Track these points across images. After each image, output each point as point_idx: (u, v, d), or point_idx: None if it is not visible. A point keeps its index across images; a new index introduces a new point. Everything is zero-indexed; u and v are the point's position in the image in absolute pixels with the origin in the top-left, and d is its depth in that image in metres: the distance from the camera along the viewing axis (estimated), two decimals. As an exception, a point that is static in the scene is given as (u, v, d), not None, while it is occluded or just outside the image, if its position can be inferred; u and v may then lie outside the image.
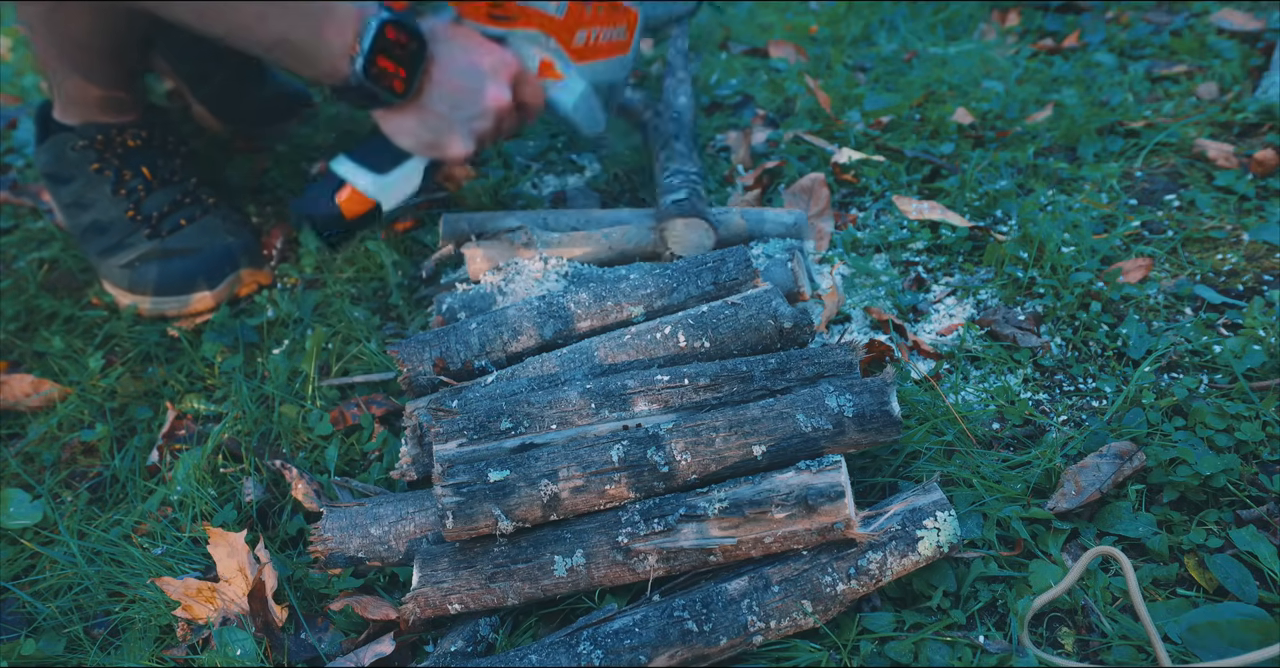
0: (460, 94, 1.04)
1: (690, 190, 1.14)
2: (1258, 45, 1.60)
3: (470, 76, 1.03)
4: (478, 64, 1.03)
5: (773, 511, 0.72)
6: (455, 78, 1.03)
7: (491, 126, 1.06)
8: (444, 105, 1.04)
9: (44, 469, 1.04)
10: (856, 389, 0.78)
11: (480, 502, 0.75)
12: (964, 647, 0.71)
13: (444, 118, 1.05)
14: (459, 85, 1.03)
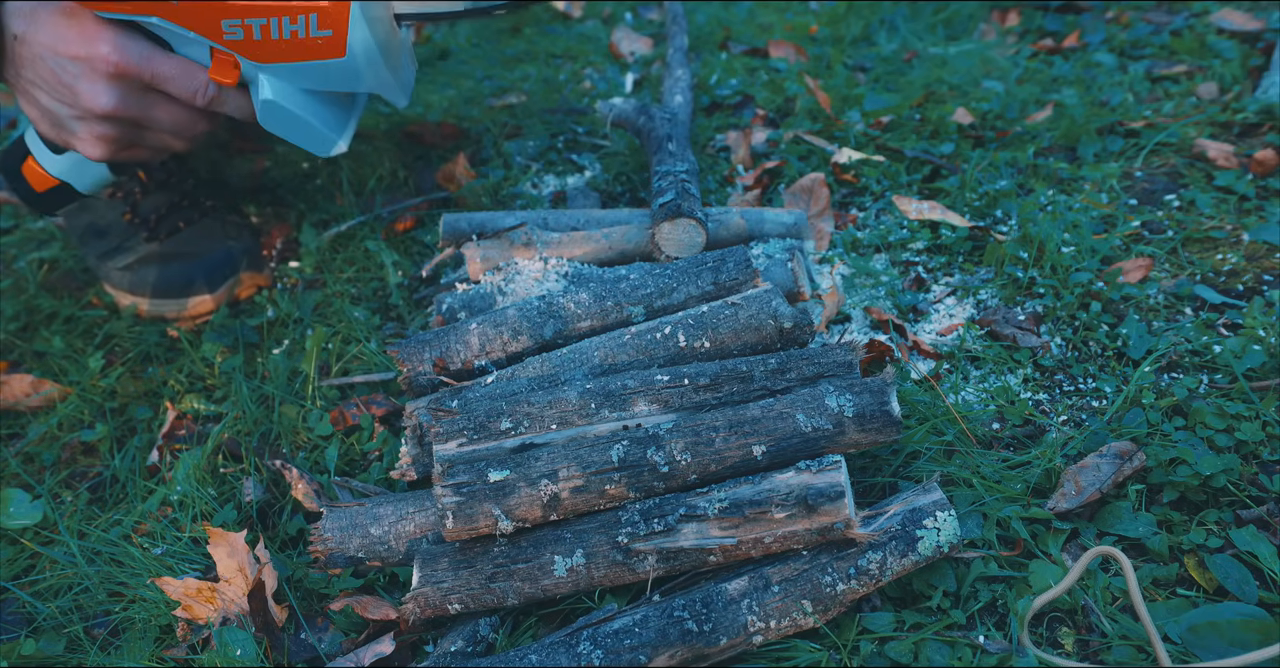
0: (54, 88, 0.86)
1: (677, 190, 1.11)
2: (1258, 45, 1.60)
3: (59, 68, 0.84)
4: (63, 54, 0.84)
5: (773, 511, 0.72)
6: (43, 67, 0.85)
7: (114, 132, 0.87)
8: (43, 96, 0.87)
9: (44, 469, 1.04)
10: (856, 389, 0.78)
11: (480, 502, 0.75)
12: (964, 647, 0.71)
13: (54, 113, 0.88)
14: (49, 77, 0.85)
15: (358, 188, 1.45)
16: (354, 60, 0.87)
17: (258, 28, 0.84)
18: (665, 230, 1.06)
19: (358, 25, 0.85)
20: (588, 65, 1.92)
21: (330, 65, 0.87)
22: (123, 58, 0.83)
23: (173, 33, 0.84)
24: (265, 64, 0.87)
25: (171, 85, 0.86)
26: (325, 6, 0.83)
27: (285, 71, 0.88)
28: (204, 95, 0.88)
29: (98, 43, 0.83)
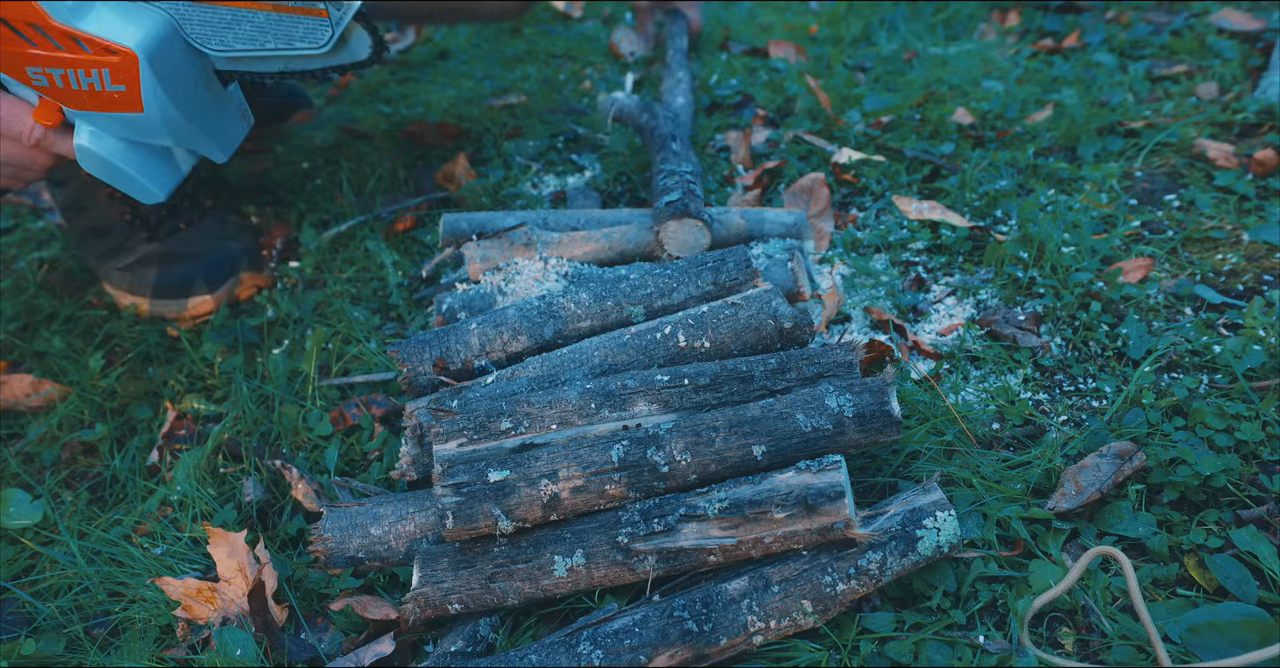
0: None
1: (683, 190, 1.11)
2: (1258, 45, 1.60)
3: None
4: None
5: (773, 510, 0.72)
6: None
7: None
8: None
9: (44, 469, 1.04)
10: (856, 389, 0.78)
11: (480, 502, 0.75)
12: (964, 647, 0.71)
13: None
14: None
15: (358, 188, 1.45)
16: (151, 116, 0.85)
17: (59, 77, 0.82)
18: (671, 229, 1.06)
19: (150, 82, 0.82)
20: (588, 65, 1.92)
21: (132, 119, 0.85)
22: None
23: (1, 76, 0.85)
24: (81, 110, 0.86)
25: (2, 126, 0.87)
26: (115, 61, 0.80)
27: (99, 119, 0.86)
28: (30, 136, 0.88)
29: None
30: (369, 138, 1.67)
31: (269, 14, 0.82)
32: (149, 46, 0.81)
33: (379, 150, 1.60)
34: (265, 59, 0.87)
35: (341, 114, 1.81)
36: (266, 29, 0.84)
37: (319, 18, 0.83)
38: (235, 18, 0.83)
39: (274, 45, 0.85)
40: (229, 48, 0.86)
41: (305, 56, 0.86)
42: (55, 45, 0.79)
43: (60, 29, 0.78)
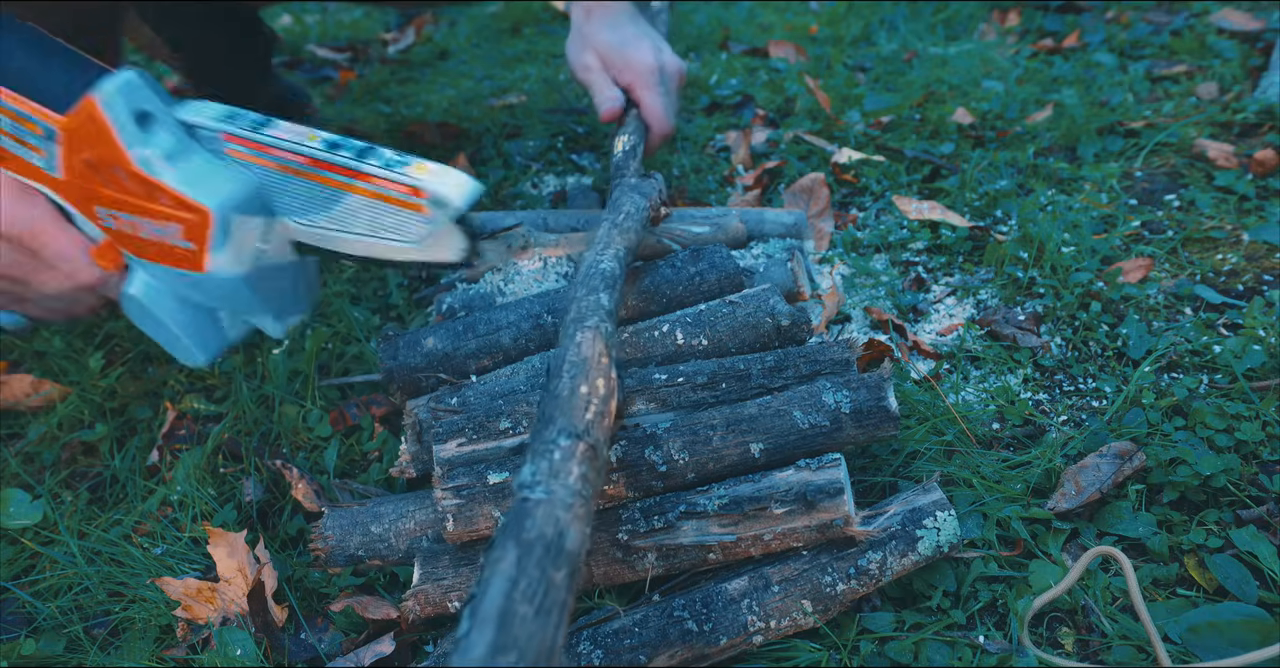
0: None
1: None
2: (1258, 45, 1.60)
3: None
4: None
5: (772, 507, 0.72)
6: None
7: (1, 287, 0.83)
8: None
9: (44, 469, 1.04)
10: (853, 385, 0.78)
11: (480, 504, 0.75)
12: (964, 647, 0.71)
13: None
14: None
15: (358, 188, 1.45)
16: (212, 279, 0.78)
17: (127, 222, 0.77)
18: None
19: (220, 246, 0.75)
20: (588, 65, 1.92)
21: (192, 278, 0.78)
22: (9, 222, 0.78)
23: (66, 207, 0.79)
24: (139, 258, 0.80)
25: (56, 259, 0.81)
26: (189, 219, 0.74)
27: (154, 270, 0.80)
28: (85, 278, 0.82)
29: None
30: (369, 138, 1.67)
31: (364, 199, 0.77)
32: (227, 210, 0.74)
33: (379, 150, 1.60)
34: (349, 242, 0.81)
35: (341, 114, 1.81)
36: (358, 213, 0.78)
37: (416, 213, 0.77)
38: (329, 196, 0.78)
39: (361, 231, 0.79)
40: (312, 224, 0.80)
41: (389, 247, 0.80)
42: (134, 190, 0.74)
43: (140, 176, 0.73)
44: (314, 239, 0.81)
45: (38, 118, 0.70)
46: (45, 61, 0.71)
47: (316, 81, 2.09)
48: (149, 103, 0.71)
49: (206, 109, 0.76)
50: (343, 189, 0.76)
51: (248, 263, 0.78)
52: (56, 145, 0.71)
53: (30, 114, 0.70)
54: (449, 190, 0.74)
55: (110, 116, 0.69)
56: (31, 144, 0.73)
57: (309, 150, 0.74)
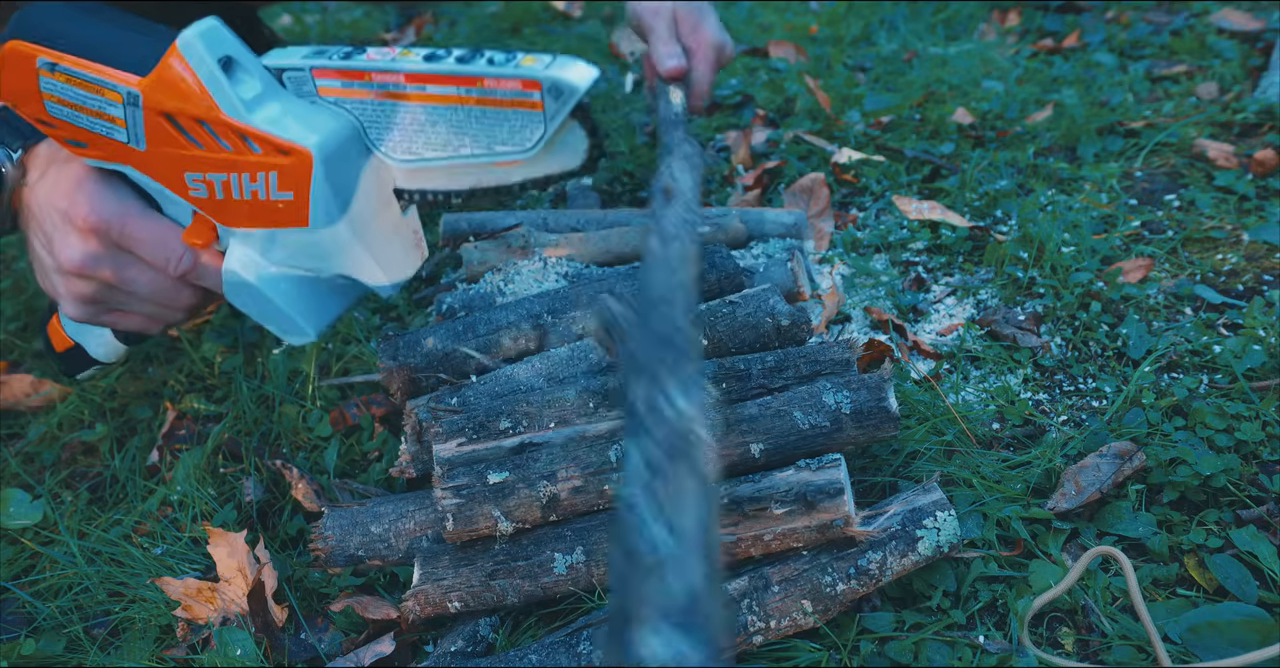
0: (42, 237, 0.77)
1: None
2: (1258, 45, 1.60)
3: (46, 217, 0.76)
4: (52, 202, 0.75)
5: (772, 507, 0.72)
6: (39, 214, 0.77)
7: (89, 291, 0.77)
8: (40, 248, 0.79)
9: (44, 469, 1.04)
10: (854, 386, 0.78)
11: (480, 504, 0.75)
12: (964, 647, 0.71)
13: (43, 263, 0.79)
14: (43, 225, 0.77)
15: (358, 188, 1.45)
16: (317, 232, 0.71)
17: (219, 184, 0.70)
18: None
19: (322, 189, 0.68)
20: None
21: (295, 236, 0.72)
22: (95, 213, 0.73)
23: (155, 188, 0.74)
24: (233, 228, 0.73)
25: (143, 249, 0.75)
26: (286, 163, 0.67)
27: (254, 240, 0.73)
28: (177, 265, 0.76)
29: (78, 195, 0.74)
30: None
31: (470, 109, 0.69)
32: (327, 147, 0.68)
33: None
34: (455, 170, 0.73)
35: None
36: (464, 130, 0.70)
37: (532, 111, 0.69)
38: (431, 117, 0.70)
39: (470, 151, 0.71)
40: (417, 156, 0.72)
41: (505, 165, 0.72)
42: (221, 144, 0.68)
43: (229, 124, 0.67)
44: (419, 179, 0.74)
45: (118, 83, 0.66)
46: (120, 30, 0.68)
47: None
48: (232, 48, 0.67)
49: (291, 51, 0.71)
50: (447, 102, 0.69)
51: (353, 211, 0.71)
52: (139, 110, 0.67)
53: (111, 81, 0.67)
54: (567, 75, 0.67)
55: (194, 64, 0.65)
56: (113, 116, 0.68)
57: (408, 65, 0.68)
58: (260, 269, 0.74)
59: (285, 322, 0.76)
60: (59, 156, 0.76)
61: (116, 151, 0.71)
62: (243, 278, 0.74)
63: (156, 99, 0.66)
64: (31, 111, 0.70)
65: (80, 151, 0.72)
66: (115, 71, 0.66)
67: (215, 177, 0.69)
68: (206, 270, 0.77)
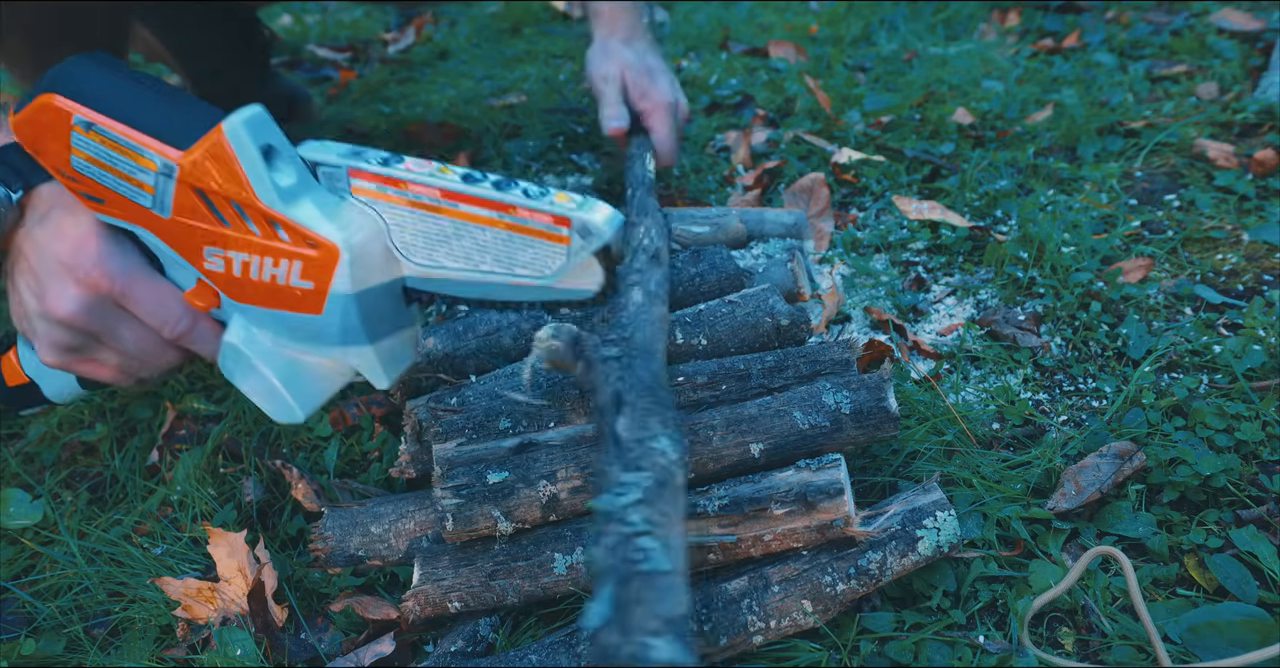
0: (33, 280, 0.77)
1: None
2: (1258, 45, 1.60)
3: (42, 262, 0.76)
4: (55, 252, 0.75)
5: (772, 508, 0.72)
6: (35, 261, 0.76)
7: (70, 341, 0.77)
8: (25, 290, 0.78)
9: (44, 469, 1.04)
10: (854, 386, 0.78)
11: (480, 504, 0.75)
12: (964, 647, 0.71)
13: (26, 305, 0.78)
14: (35, 270, 0.76)
15: (358, 188, 1.45)
16: (329, 321, 0.72)
17: (239, 263, 0.71)
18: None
19: (343, 284, 0.70)
20: (588, 65, 1.92)
21: (305, 321, 0.73)
22: (100, 268, 0.74)
23: (166, 252, 0.74)
24: (241, 303, 0.74)
25: (142, 309, 0.76)
26: (312, 256, 0.69)
27: (260, 316, 0.74)
28: (173, 328, 0.77)
29: (84, 249, 0.74)
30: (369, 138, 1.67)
31: (499, 232, 0.70)
32: (355, 247, 0.69)
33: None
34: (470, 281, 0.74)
35: (341, 114, 1.81)
36: (488, 249, 0.72)
37: (557, 243, 0.70)
38: (458, 232, 0.71)
39: (490, 268, 0.72)
40: (436, 264, 0.73)
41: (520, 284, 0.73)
42: (250, 227, 0.69)
43: (263, 210, 0.68)
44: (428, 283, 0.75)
45: (156, 154, 0.67)
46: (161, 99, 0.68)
47: (316, 81, 2.09)
48: (274, 137, 0.68)
49: (329, 147, 0.73)
50: (477, 222, 0.71)
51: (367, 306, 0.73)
52: (172, 181, 0.68)
53: (148, 150, 0.67)
54: (596, 219, 0.69)
55: (237, 149, 0.66)
56: (142, 181, 0.69)
57: (445, 183, 0.70)
58: (261, 346, 0.75)
59: (277, 400, 0.76)
60: (61, 202, 0.76)
61: (135, 214, 0.72)
62: (242, 352, 0.75)
63: (193, 175, 0.67)
64: (53, 162, 0.71)
65: (94, 206, 0.73)
66: (154, 141, 0.67)
67: (236, 255, 0.71)
68: (200, 335, 0.78)
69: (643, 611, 0.47)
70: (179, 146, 0.67)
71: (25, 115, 0.68)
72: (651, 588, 0.48)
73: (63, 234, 0.74)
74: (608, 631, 0.46)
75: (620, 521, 0.54)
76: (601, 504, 0.56)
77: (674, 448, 0.62)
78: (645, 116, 1.20)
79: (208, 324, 0.77)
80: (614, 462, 0.60)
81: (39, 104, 0.67)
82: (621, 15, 1.26)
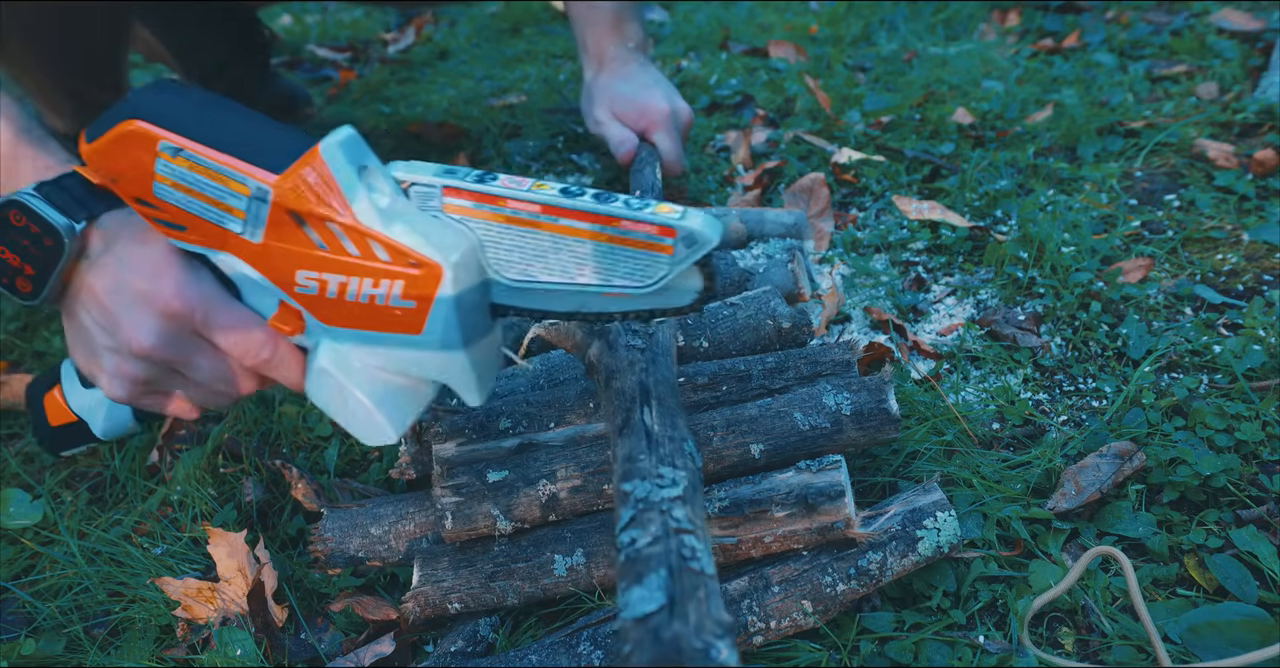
0: (101, 312, 0.74)
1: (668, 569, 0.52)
2: (1258, 45, 1.60)
3: (112, 294, 0.73)
4: (130, 283, 0.72)
5: (773, 510, 0.72)
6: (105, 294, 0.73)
7: (144, 374, 0.74)
8: (88, 318, 0.75)
9: (44, 469, 1.04)
10: (854, 387, 0.78)
11: (479, 502, 0.75)
12: (964, 647, 0.71)
13: (92, 340, 0.76)
14: (104, 302, 0.73)
15: (358, 188, 1.45)
16: (429, 340, 0.70)
17: (335, 284, 0.69)
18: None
19: (446, 302, 0.69)
20: (588, 65, 1.92)
21: (401, 341, 0.71)
22: (182, 298, 0.71)
23: (244, 277, 0.72)
24: (335, 326, 0.72)
25: (223, 337, 0.73)
26: (415, 275, 0.67)
27: (350, 338, 0.72)
28: (255, 356, 0.74)
29: (163, 277, 0.72)
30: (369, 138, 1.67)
31: (599, 244, 0.69)
32: (457, 263, 0.68)
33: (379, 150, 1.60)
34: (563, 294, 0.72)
35: (341, 114, 1.81)
36: (586, 261, 0.70)
37: (660, 253, 0.69)
38: (555, 246, 0.70)
39: (587, 280, 0.71)
40: (530, 278, 0.71)
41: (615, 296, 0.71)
42: (348, 248, 0.67)
43: (361, 230, 0.66)
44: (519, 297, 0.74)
45: (249, 178, 0.66)
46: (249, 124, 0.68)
47: (316, 81, 2.09)
48: (368, 158, 0.68)
49: (417, 166, 0.71)
50: (577, 236, 0.69)
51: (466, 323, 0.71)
52: (265, 206, 0.67)
53: (241, 174, 0.66)
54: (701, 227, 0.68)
55: (335, 170, 0.65)
56: (233, 207, 0.68)
57: (544, 198, 0.68)
58: (353, 369, 0.73)
59: (369, 422, 0.74)
60: (125, 234, 0.74)
61: (221, 239, 0.70)
62: (335, 376, 0.73)
63: (288, 198, 0.66)
64: (133, 190, 0.69)
65: (175, 234, 0.71)
66: (247, 165, 0.66)
67: (332, 277, 0.69)
68: (280, 362, 0.75)
69: (698, 609, 0.46)
70: (273, 170, 0.66)
71: (104, 143, 0.66)
72: (704, 588, 0.48)
73: (135, 263, 0.72)
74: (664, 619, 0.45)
75: (664, 512, 0.53)
76: (640, 491, 0.55)
77: (698, 454, 0.62)
78: (648, 133, 1.23)
79: (288, 351, 0.75)
80: (647, 452, 0.59)
81: (121, 131, 0.66)
82: (607, 46, 1.27)
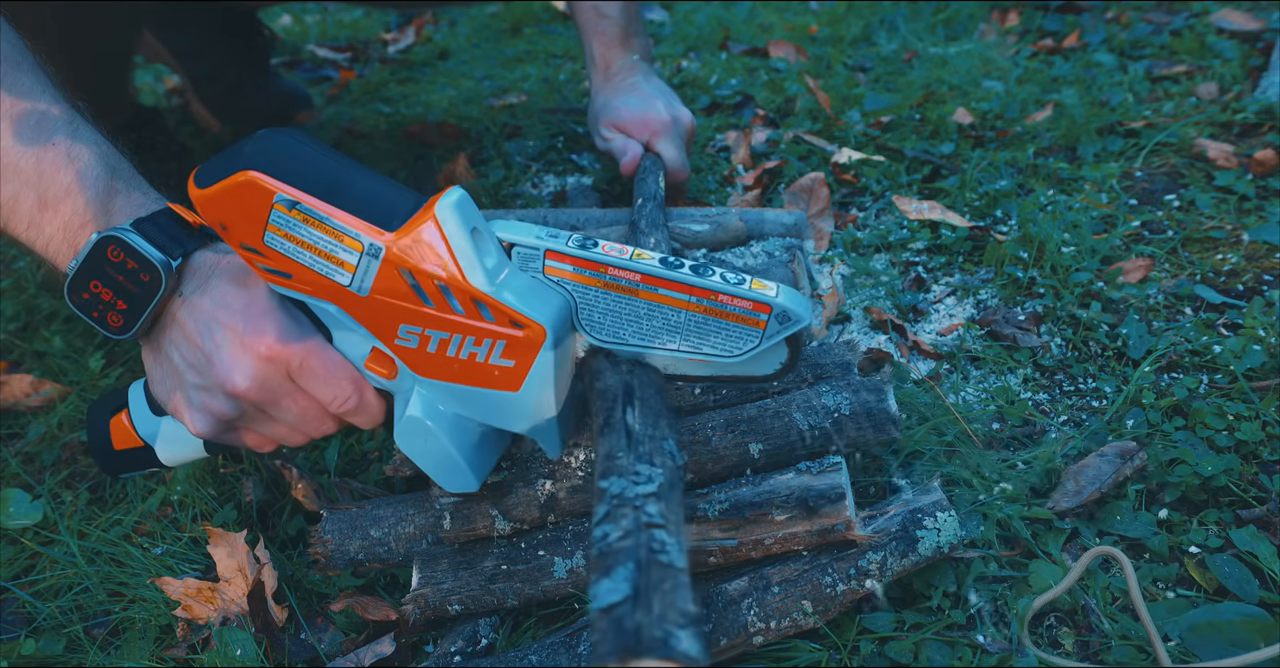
0: (193, 350, 0.75)
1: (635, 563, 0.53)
2: (1258, 45, 1.60)
3: (206, 334, 0.74)
4: (220, 321, 0.73)
5: (773, 513, 0.72)
6: (198, 333, 0.74)
7: (233, 412, 0.75)
8: (182, 361, 0.76)
9: (44, 469, 1.04)
10: (854, 388, 0.78)
11: (478, 502, 0.75)
12: (964, 647, 0.71)
13: (179, 375, 0.76)
14: (195, 340, 0.74)
15: (358, 188, 1.45)
16: (525, 398, 0.72)
17: (436, 340, 0.71)
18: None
19: (545, 363, 0.71)
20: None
21: (496, 397, 0.73)
22: (281, 342, 0.72)
23: (340, 322, 0.73)
24: (429, 378, 0.73)
25: (315, 383, 0.74)
26: (517, 336, 0.69)
27: (443, 390, 0.73)
28: (342, 403, 0.75)
29: (264, 320, 0.73)
30: (369, 138, 1.67)
31: (694, 314, 0.71)
32: (558, 326, 0.70)
33: (379, 150, 1.60)
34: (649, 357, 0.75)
35: (341, 114, 1.81)
36: (678, 329, 0.72)
37: (753, 327, 0.71)
38: (650, 312, 0.72)
39: (676, 347, 0.73)
40: (620, 341, 0.74)
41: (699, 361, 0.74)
42: (455, 307, 0.69)
43: (470, 291, 0.68)
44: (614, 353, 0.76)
45: (363, 234, 0.67)
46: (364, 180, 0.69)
47: (316, 81, 2.09)
48: (478, 219, 0.69)
49: (520, 227, 0.73)
50: (674, 305, 0.72)
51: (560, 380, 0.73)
52: (377, 262, 0.68)
53: (354, 230, 0.67)
54: (796, 307, 0.70)
55: (449, 231, 0.67)
56: (344, 260, 0.69)
57: (644, 268, 0.70)
58: (444, 419, 0.74)
59: (455, 470, 0.76)
60: (219, 272, 0.75)
61: (327, 290, 0.71)
62: (427, 425, 0.74)
63: (401, 256, 0.67)
64: (243, 237, 0.69)
65: (278, 280, 0.71)
66: (362, 222, 0.67)
67: (435, 333, 0.71)
68: (363, 409, 0.77)
69: (663, 600, 0.46)
70: (386, 227, 0.67)
71: (218, 191, 0.67)
72: (671, 580, 0.48)
73: (234, 306, 0.73)
74: (628, 610, 0.46)
75: (637, 507, 0.54)
76: (615, 487, 0.56)
77: (680, 454, 0.64)
78: (651, 143, 1.25)
79: (373, 397, 0.76)
80: (626, 450, 0.61)
81: (237, 181, 0.66)
82: (615, 60, 1.30)
